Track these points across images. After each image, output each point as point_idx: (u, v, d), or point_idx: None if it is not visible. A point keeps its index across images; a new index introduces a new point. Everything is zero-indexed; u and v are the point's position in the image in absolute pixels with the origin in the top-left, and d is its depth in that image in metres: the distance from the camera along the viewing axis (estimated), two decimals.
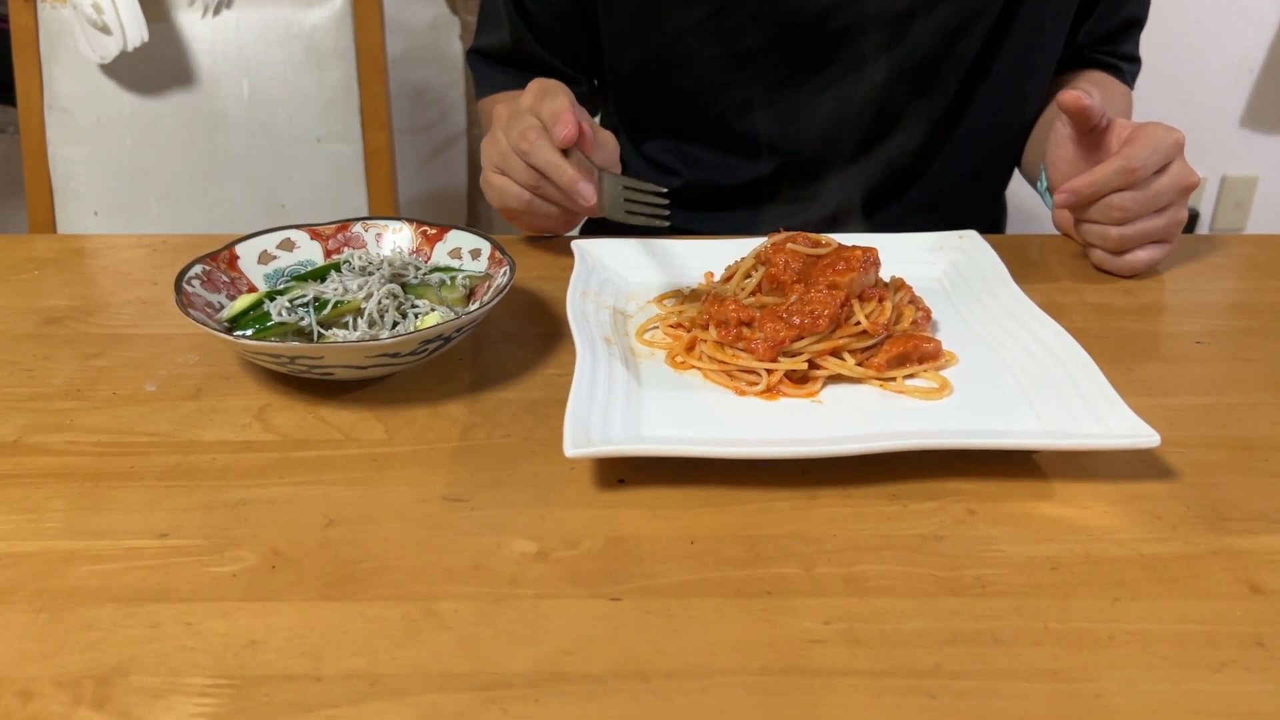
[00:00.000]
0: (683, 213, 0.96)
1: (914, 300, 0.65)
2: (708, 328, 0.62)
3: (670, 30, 0.88)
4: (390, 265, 0.65)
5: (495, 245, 0.67)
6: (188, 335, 0.67)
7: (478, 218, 1.98)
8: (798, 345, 0.59)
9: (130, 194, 1.22)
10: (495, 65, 1.01)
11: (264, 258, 0.67)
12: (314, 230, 0.70)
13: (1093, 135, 0.75)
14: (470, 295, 0.65)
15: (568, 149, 0.71)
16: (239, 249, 0.67)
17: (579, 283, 0.68)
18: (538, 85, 0.77)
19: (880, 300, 0.62)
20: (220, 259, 0.65)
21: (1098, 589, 0.46)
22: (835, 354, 0.60)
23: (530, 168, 0.73)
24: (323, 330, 0.61)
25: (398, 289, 0.63)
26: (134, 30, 1.12)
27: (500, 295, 0.61)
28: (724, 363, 0.60)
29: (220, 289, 0.64)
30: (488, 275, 0.66)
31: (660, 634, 0.43)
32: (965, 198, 0.98)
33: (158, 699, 0.40)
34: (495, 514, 0.50)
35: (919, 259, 0.74)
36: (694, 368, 0.62)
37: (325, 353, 0.55)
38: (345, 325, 0.61)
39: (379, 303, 0.61)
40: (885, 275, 0.66)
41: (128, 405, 0.60)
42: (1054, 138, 0.78)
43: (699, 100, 0.92)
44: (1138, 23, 0.96)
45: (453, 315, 0.61)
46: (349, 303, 0.61)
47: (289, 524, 0.49)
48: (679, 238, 0.79)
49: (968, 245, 0.75)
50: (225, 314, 0.62)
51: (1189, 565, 0.47)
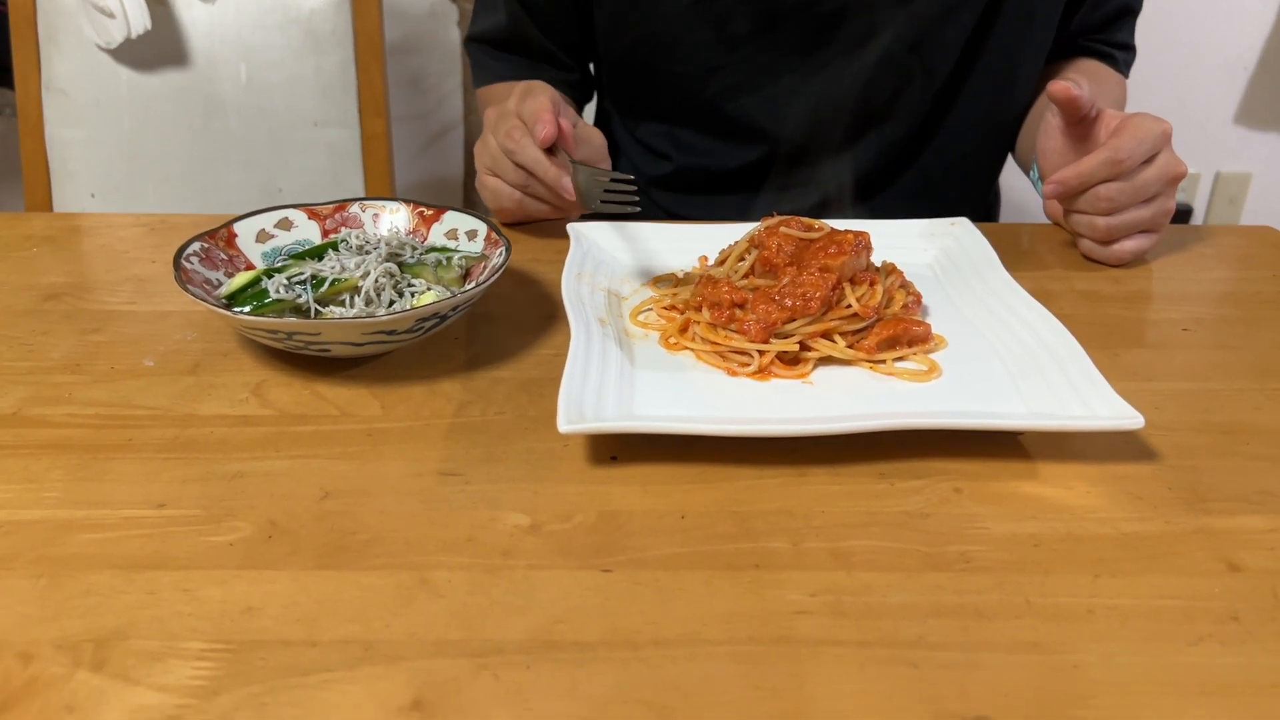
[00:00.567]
0: (675, 197, 0.97)
1: (905, 285, 0.66)
2: (701, 309, 0.63)
3: (660, 14, 0.89)
4: (387, 245, 0.66)
5: (492, 226, 0.67)
6: (185, 313, 0.68)
7: (474, 206, 1.98)
8: (789, 327, 0.60)
9: (127, 176, 1.22)
10: (492, 52, 1.02)
11: (262, 236, 0.68)
12: (311, 210, 0.70)
13: (1082, 126, 0.76)
14: (466, 276, 0.66)
15: (553, 147, 0.73)
16: (237, 227, 0.67)
17: (574, 265, 0.69)
18: (522, 87, 0.80)
19: (871, 284, 0.63)
20: (218, 237, 0.66)
21: (1079, 565, 0.46)
22: (826, 336, 0.61)
23: (518, 167, 0.75)
24: (320, 308, 0.61)
25: (394, 268, 0.63)
26: (138, 17, 1.12)
27: (496, 274, 0.61)
28: (716, 344, 0.61)
29: (218, 266, 0.64)
30: (484, 256, 0.66)
31: (650, 604, 0.44)
32: (957, 185, 0.98)
33: (156, 661, 0.40)
34: (489, 488, 0.51)
35: (911, 245, 0.75)
36: (687, 349, 0.62)
37: (322, 328, 0.56)
38: (342, 303, 0.62)
39: (376, 281, 0.62)
40: (877, 261, 0.67)
41: (126, 380, 0.60)
42: (1044, 128, 0.79)
43: (689, 84, 0.92)
44: (1131, 10, 0.96)
45: (449, 294, 0.62)
46: (346, 281, 0.62)
47: (285, 496, 0.50)
48: (672, 223, 0.80)
49: (959, 232, 0.76)
50: (223, 290, 0.62)
51: (1169, 544, 0.48)
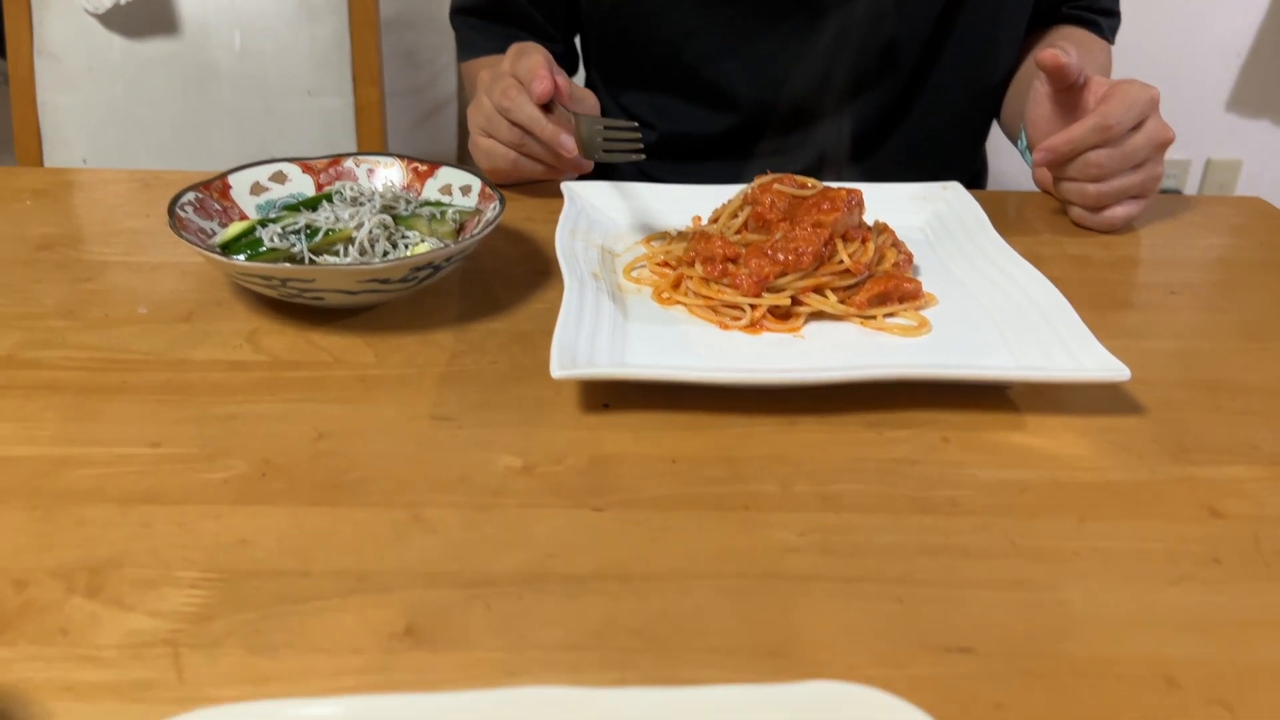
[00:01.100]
0: (660, 165, 0.97)
1: (896, 243, 0.67)
2: (694, 264, 0.64)
3: None
4: (382, 197, 0.66)
5: (485, 181, 0.67)
6: (180, 264, 0.68)
7: None
8: (781, 281, 0.61)
9: (120, 143, 1.22)
10: (477, 23, 1.01)
11: (256, 189, 0.68)
12: (306, 164, 0.70)
13: (1070, 93, 0.76)
14: (460, 230, 0.66)
15: (549, 105, 0.73)
16: (232, 179, 0.67)
17: (568, 222, 0.69)
18: (515, 48, 0.79)
19: (863, 241, 0.63)
20: (213, 188, 0.66)
21: (1064, 510, 0.47)
22: (818, 291, 0.61)
23: (513, 125, 0.75)
24: (314, 257, 0.61)
25: (389, 219, 0.64)
26: None
27: (490, 227, 0.61)
28: (709, 298, 0.61)
29: (213, 216, 0.64)
30: (478, 211, 0.67)
31: (641, 541, 0.44)
32: (942, 150, 0.98)
33: (149, 589, 0.41)
34: (482, 432, 0.52)
35: (902, 208, 0.75)
36: (679, 303, 0.63)
37: (316, 275, 0.56)
38: (336, 253, 0.62)
39: (370, 232, 0.62)
40: (869, 221, 0.67)
41: (120, 326, 0.60)
42: (1033, 96, 0.79)
43: (667, 49, 0.92)
44: None
45: (443, 246, 0.62)
46: (340, 231, 0.62)
47: (280, 436, 0.51)
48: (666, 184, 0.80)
49: (950, 195, 0.76)
50: (218, 239, 0.62)
51: (1153, 491, 0.49)
